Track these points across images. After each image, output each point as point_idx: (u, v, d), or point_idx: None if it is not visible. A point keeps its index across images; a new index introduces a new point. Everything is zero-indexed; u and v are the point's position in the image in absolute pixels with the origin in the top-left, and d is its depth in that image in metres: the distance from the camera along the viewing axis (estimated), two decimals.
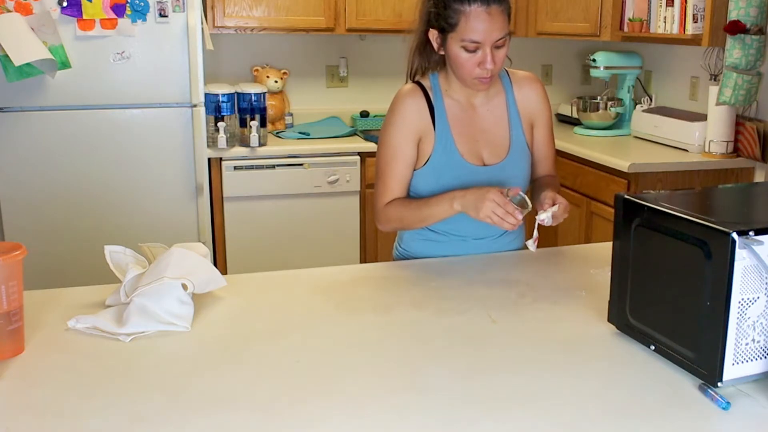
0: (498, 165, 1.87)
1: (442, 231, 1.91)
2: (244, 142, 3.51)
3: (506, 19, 1.73)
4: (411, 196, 1.92)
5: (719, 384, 1.18)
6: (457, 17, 1.71)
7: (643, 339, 1.33)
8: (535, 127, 1.93)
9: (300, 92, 4.14)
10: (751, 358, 1.19)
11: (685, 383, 1.22)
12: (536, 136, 1.94)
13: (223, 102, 3.46)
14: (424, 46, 1.85)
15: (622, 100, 4.02)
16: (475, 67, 1.75)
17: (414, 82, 1.89)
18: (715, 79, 3.42)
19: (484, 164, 1.86)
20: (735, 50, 3.09)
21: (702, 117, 3.42)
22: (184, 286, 1.45)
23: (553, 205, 1.70)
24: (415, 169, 1.87)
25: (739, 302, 1.15)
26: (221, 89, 3.47)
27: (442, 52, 1.81)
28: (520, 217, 1.63)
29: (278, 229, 3.61)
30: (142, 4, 3.14)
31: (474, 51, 1.72)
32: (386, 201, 1.87)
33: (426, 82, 1.87)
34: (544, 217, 1.68)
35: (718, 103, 3.23)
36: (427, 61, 1.88)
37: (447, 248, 1.91)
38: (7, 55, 2.92)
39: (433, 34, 1.78)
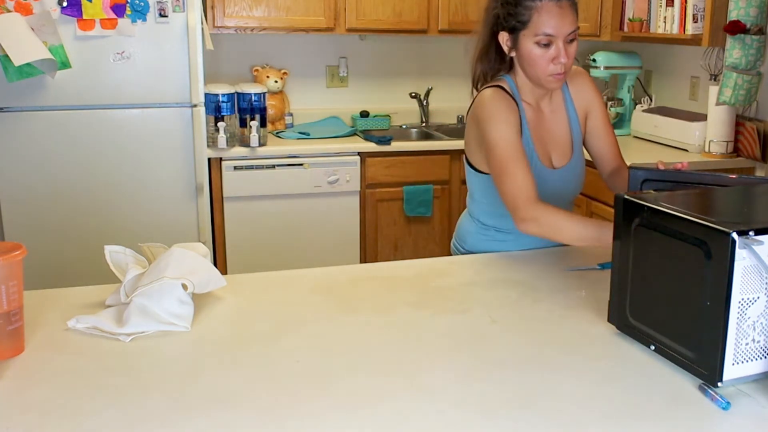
0: (565, 167, 1.92)
1: (506, 230, 1.93)
2: (244, 142, 3.51)
3: (576, 13, 1.78)
4: (481, 199, 1.94)
5: (719, 384, 1.18)
6: (529, 13, 1.74)
7: (643, 339, 1.33)
8: (591, 116, 1.96)
9: (300, 92, 4.14)
10: (751, 358, 1.19)
11: (685, 383, 1.22)
12: (595, 123, 1.96)
13: (223, 102, 3.46)
14: (487, 51, 1.87)
15: (622, 100, 4.02)
16: (548, 64, 1.76)
17: (493, 86, 1.86)
18: (715, 79, 3.42)
19: (553, 167, 1.90)
20: (735, 50, 3.09)
21: (702, 117, 3.42)
22: (184, 286, 1.45)
23: None
24: None
25: (739, 302, 1.15)
26: (221, 89, 3.47)
27: (512, 54, 1.82)
28: None
29: (278, 229, 3.61)
30: (142, 4, 3.14)
31: (547, 46, 1.75)
32: (528, 197, 1.74)
33: (504, 85, 1.86)
34: None
35: (718, 103, 3.23)
36: (489, 67, 1.90)
37: (510, 246, 1.94)
38: (7, 55, 2.92)
39: (504, 37, 1.80)
